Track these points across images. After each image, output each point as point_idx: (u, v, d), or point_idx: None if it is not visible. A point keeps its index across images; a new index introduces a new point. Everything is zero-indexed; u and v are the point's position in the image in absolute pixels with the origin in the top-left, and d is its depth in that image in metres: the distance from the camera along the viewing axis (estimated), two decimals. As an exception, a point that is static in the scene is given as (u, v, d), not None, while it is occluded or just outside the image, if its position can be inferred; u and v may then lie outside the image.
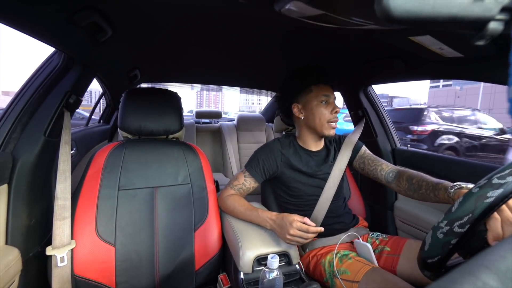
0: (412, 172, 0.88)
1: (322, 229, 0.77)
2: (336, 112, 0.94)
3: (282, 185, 1.01)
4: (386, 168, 0.95)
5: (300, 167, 0.97)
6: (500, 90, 17.19)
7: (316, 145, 1.02)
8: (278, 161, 0.97)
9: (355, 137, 1.07)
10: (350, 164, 1.04)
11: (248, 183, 0.97)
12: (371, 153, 1.04)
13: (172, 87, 2.45)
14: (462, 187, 0.68)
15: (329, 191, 0.97)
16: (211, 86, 2.63)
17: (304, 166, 0.98)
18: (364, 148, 1.05)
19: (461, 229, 0.44)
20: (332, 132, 0.95)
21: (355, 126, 1.33)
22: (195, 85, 2.31)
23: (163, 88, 1.10)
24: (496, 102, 18.05)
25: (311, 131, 0.99)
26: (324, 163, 1.00)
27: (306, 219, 0.77)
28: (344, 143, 1.04)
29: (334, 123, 0.95)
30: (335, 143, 1.07)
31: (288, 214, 0.80)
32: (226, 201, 0.96)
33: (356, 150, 1.03)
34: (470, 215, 0.43)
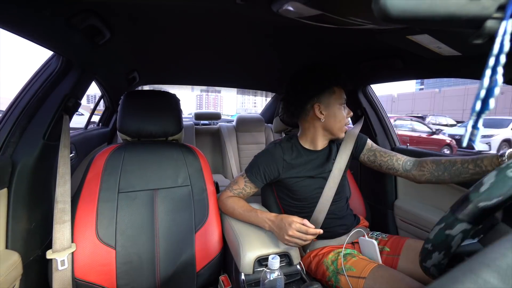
0: (437, 157, 0.87)
1: (321, 231, 0.77)
2: (350, 115, 0.97)
3: (285, 189, 1.00)
4: (402, 158, 0.94)
5: (303, 171, 0.96)
6: (449, 94, 21.23)
7: (322, 145, 1.00)
8: (279, 168, 0.95)
9: (356, 131, 1.05)
10: (356, 158, 1.03)
11: (249, 188, 0.97)
12: (378, 145, 1.04)
13: (172, 90, 2.46)
14: None
15: (330, 192, 0.96)
16: (210, 89, 2.63)
17: (307, 170, 0.96)
18: (370, 141, 1.04)
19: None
20: (344, 135, 0.98)
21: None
22: (195, 88, 2.32)
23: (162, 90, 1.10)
24: (445, 104, 21.39)
25: (326, 133, 0.97)
26: (327, 161, 0.99)
27: (305, 221, 0.77)
28: (345, 138, 1.02)
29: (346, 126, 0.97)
30: (336, 139, 1.04)
31: (287, 215, 0.79)
32: (226, 202, 0.96)
33: (362, 144, 1.02)
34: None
